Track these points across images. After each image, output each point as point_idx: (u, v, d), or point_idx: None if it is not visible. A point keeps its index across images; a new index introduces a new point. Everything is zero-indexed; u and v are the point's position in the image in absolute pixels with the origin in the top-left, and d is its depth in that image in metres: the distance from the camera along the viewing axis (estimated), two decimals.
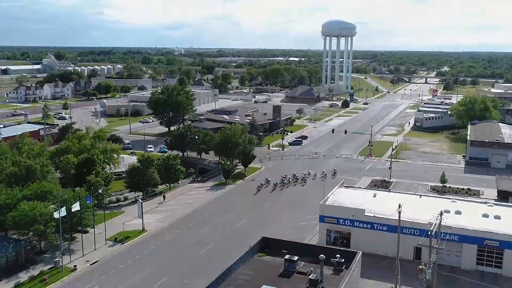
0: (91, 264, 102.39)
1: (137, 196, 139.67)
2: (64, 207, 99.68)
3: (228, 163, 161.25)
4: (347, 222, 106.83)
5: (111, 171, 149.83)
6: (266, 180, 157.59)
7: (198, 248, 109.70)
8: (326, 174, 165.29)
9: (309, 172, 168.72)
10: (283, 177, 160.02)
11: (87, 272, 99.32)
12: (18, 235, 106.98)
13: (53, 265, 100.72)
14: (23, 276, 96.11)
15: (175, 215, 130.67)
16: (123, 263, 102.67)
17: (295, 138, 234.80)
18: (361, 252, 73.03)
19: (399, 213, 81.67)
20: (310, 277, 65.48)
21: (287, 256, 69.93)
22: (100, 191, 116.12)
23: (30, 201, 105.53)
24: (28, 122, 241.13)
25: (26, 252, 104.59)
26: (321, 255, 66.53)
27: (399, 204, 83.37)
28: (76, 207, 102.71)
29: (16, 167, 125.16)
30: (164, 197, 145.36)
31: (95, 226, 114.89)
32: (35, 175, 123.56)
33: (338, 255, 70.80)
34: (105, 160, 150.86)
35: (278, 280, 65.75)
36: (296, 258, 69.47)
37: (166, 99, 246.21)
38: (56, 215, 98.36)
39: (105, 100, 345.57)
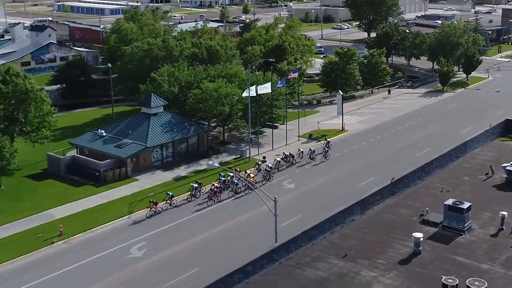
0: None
1: (333, 101, 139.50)
2: (254, 86, 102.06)
3: (446, 67, 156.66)
4: None
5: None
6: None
7: (411, 151, 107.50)
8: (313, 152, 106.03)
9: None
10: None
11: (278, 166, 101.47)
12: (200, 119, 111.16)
13: (238, 156, 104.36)
14: (205, 164, 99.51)
15: (381, 118, 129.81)
16: (318, 161, 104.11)
17: None
18: None
19: None
20: None
21: None
22: (295, 75, 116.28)
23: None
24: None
25: (209, 142, 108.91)
26: None
27: None
28: (266, 88, 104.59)
29: (196, 48, 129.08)
30: (389, 91, 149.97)
31: (286, 122, 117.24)
32: (218, 58, 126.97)
33: None
34: (299, 51, 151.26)
35: None
36: None
37: None
38: (245, 94, 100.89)
39: (291, 3, 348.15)
